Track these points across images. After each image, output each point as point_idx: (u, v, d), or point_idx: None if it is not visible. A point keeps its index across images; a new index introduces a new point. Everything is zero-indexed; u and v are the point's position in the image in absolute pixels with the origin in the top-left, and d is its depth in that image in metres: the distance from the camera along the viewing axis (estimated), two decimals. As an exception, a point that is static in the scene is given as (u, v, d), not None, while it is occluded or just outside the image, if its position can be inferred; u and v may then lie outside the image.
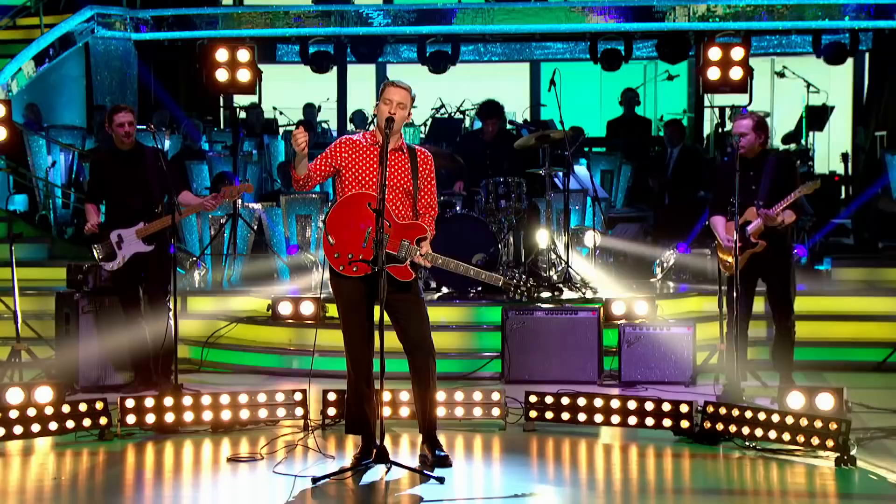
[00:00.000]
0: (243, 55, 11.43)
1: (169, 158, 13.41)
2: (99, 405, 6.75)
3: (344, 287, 5.85)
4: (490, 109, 10.78)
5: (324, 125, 16.71)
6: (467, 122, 16.07)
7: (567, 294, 9.49)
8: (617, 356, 8.49)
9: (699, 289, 10.13)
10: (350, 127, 15.91)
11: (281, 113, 17.10)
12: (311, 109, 16.85)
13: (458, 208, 10.38)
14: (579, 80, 17.22)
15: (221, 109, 15.46)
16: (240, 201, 11.41)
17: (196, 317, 9.66)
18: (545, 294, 9.54)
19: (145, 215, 8.04)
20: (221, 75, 11.42)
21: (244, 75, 11.41)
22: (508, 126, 11.68)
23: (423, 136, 15.49)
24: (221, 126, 15.97)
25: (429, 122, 16.04)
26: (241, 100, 14.91)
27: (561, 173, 10.14)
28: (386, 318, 5.62)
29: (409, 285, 5.89)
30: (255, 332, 9.53)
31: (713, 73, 11.00)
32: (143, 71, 15.84)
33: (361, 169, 5.90)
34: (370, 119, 15.83)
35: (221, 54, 11.42)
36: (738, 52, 11.05)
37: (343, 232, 5.82)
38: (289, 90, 17.32)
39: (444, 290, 9.86)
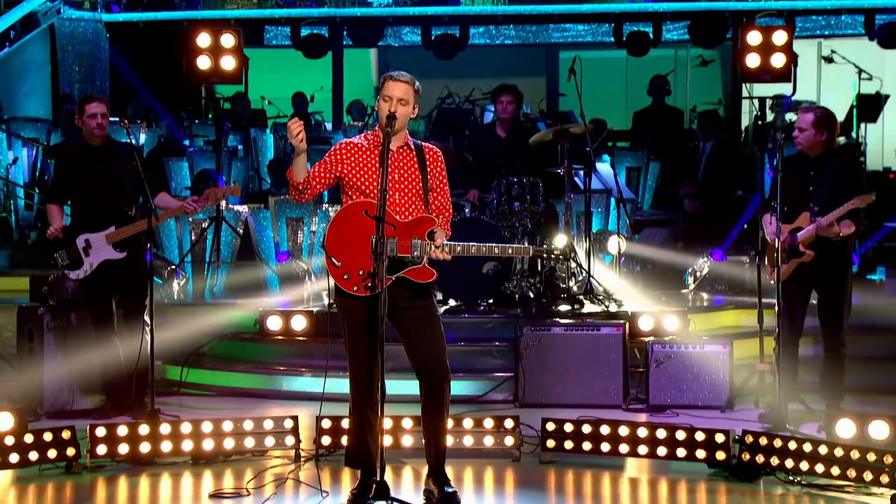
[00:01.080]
0: (227, 40, 11.45)
1: (145, 155, 13.49)
2: (66, 434, 6.75)
3: (354, 305, 5.85)
4: (505, 87, 10.80)
5: (317, 117, 16.74)
6: (477, 113, 16.10)
7: (588, 307, 9.48)
8: (644, 377, 8.48)
9: (736, 301, 10.12)
10: (346, 120, 15.93)
11: (269, 103, 17.13)
12: (302, 99, 16.87)
13: (466, 211, 10.38)
14: (602, 67, 17.23)
15: (203, 100, 15.47)
16: (224, 203, 11.43)
17: (175, 332, 9.64)
18: (564, 307, 9.54)
19: (117, 219, 8.03)
20: (203, 63, 11.43)
21: (229, 63, 11.43)
22: (522, 119, 11.67)
23: (427, 128, 15.51)
24: (203, 118, 15.99)
25: (434, 114, 16.06)
26: (225, 89, 14.95)
27: (581, 172, 10.13)
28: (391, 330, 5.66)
29: (424, 292, 5.91)
30: (241, 349, 9.55)
31: (752, 60, 10.99)
32: (115, 57, 15.89)
33: (363, 174, 5.91)
34: (369, 111, 15.87)
35: (203, 39, 11.44)
36: (780, 37, 11.03)
37: (347, 249, 5.82)
38: (278, 78, 17.38)
39: (452, 302, 9.86)
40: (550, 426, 6.96)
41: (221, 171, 12.56)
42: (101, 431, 6.81)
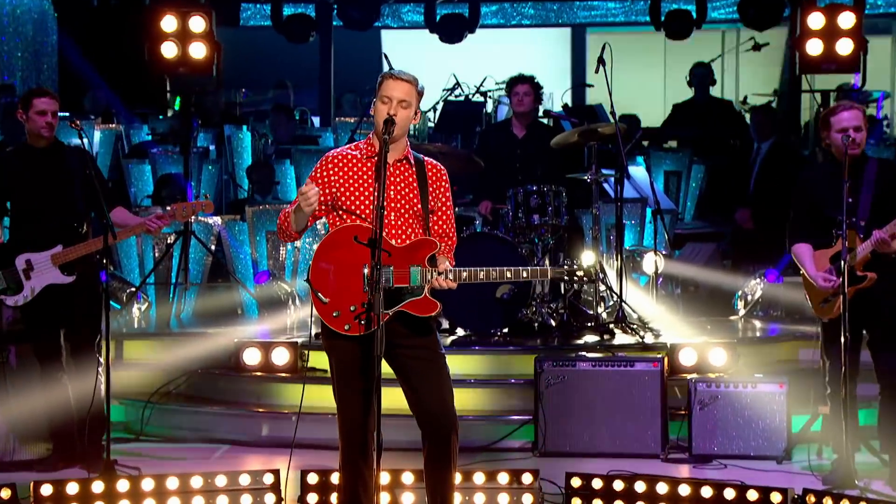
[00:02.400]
0: (197, 24, 11.47)
1: (99, 158, 13.52)
2: (5, 493, 6.74)
3: (345, 347, 5.84)
4: (521, 77, 10.81)
5: (303, 110, 16.76)
6: (489, 107, 16.09)
7: (620, 338, 9.47)
8: (686, 422, 8.46)
9: (795, 331, 10.10)
10: (336, 119, 15.91)
11: (246, 94, 17.14)
12: (284, 90, 16.89)
13: (477, 225, 10.36)
14: (637, 53, 17.22)
15: (169, 93, 15.50)
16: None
17: (135, 368, 9.66)
18: (591, 338, 9.53)
19: (64, 236, 7.97)
20: (169, 50, 11.45)
21: (199, 50, 11.45)
22: (541, 118, 11.68)
23: (430, 126, 15.52)
24: (169, 114, 15.99)
25: (439, 107, 16.06)
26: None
27: (612, 178, 10.14)
28: (388, 371, 5.64)
29: (426, 328, 5.90)
30: (212, 387, 9.55)
31: (814, 47, 10.96)
32: (64, 42, 15.90)
33: (355, 190, 5.90)
34: (362, 112, 15.85)
35: (169, 23, 11.46)
36: (847, 19, 11.00)
37: (335, 283, 5.80)
38: (257, 64, 17.39)
39: (460, 331, 9.86)
40: (576, 482, 6.94)
41: (190, 177, 12.58)
42: (46, 489, 6.80)
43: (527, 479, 7.02)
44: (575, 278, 5.98)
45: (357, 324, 5.76)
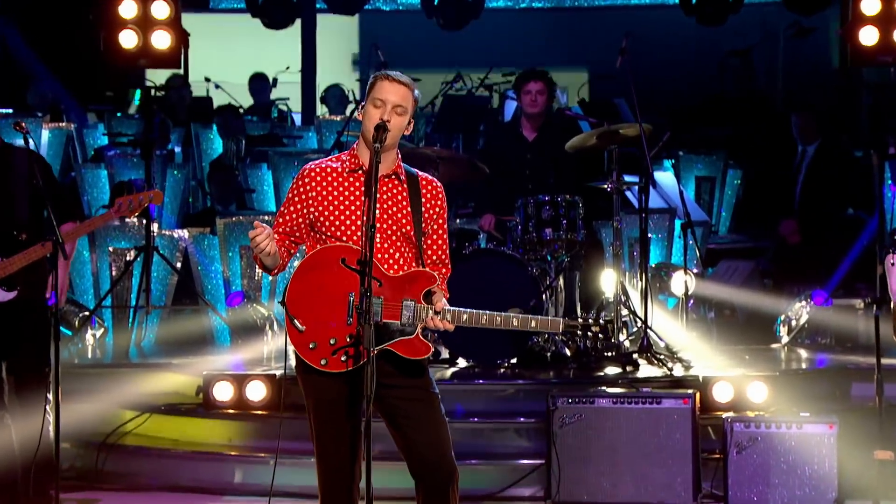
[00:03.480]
0: (160, 9, 11.47)
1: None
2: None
3: (323, 385, 5.84)
4: (533, 72, 10.83)
5: (282, 106, 16.79)
6: (495, 102, 16.14)
7: (645, 370, 9.50)
8: (721, 467, 8.46)
9: (847, 362, 10.10)
10: (321, 111, 15.96)
11: (217, 87, 17.17)
12: (262, 83, 16.92)
13: (480, 240, 10.37)
14: (664, 40, 17.25)
15: (129, 88, 15.53)
16: (155, 228, 11.47)
17: (89, 405, 9.63)
18: (612, 370, 9.55)
19: (2, 245, 7.98)
20: (128, 39, 11.44)
21: (162, 39, 11.45)
22: (556, 115, 11.70)
23: (429, 123, 15.55)
24: (129, 111, 16.02)
25: (438, 103, 16.11)
26: (157, 73, 14.99)
27: (636, 187, 10.15)
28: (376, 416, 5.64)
29: (419, 370, 5.90)
30: (178, 427, 9.55)
31: (867, 36, 10.93)
32: (6, 30, 15.91)
33: (336, 209, 5.90)
34: (352, 104, 15.87)
35: (128, 7, 11.47)
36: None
37: (315, 310, 5.79)
38: (229, 54, 17.43)
39: (462, 362, 9.87)
40: (595, 538, 6.93)
41: (153, 183, 12.55)
42: (-13, 545, 6.78)
43: (538, 534, 7.02)
44: (589, 333, 6.02)
45: (336, 360, 5.75)
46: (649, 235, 10.31)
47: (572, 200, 9.98)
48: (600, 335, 6.05)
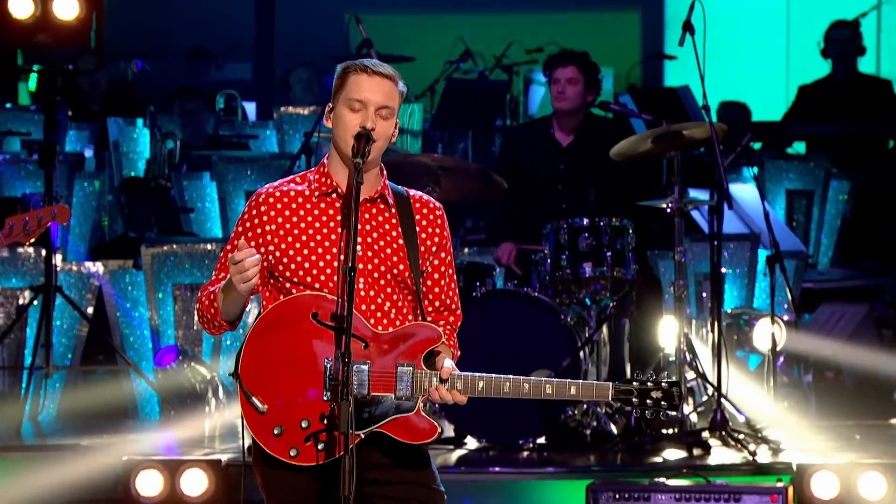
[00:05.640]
0: (61, -32, 11.50)
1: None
2: None
3: (289, 483, 5.81)
4: (565, 55, 10.87)
5: (230, 94, 16.75)
6: (517, 89, 16.13)
7: (718, 455, 9.47)
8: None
9: None
10: (282, 109, 15.91)
11: (144, 69, 17.16)
12: (201, 63, 16.90)
13: (496, 277, 10.35)
14: (743, 13, 17.24)
15: (22, 71, 15.52)
16: (58, 260, 11.42)
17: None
18: (673, 454, 9.52)
19: None
20: (21, 8, 11.44)
21: (66, 9, 11.45)
22: (596, 110, 11.68)
23: (426, 118, 15.56)
24: (22, 102, 15.98)
25: (440, 88, 16.08)
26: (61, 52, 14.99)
27: (706, 206, 10.12)
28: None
29: (419, 459, 5.89)
30: (89, 531, 9.52)
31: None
32: None
33: (305, 245, 5.88)
34: (323, 99, 15.85)
35: (17, -33, 11.49)
36: None
37: (280, 382, 5.76)
38: (157, 26, 17.43)
39: (472, 442, 9.86)
40: None
41: (55, 197, 12.51)
42: None
43: None
44: (648, 402, 5.94)
45: (309, 449, 5.72)
46: (723, 271, 10.24)
47: (620, 225, 9.99)
48: (663, 403, 5.93)
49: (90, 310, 11.68)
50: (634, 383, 5.86)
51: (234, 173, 13.80)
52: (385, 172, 6.00)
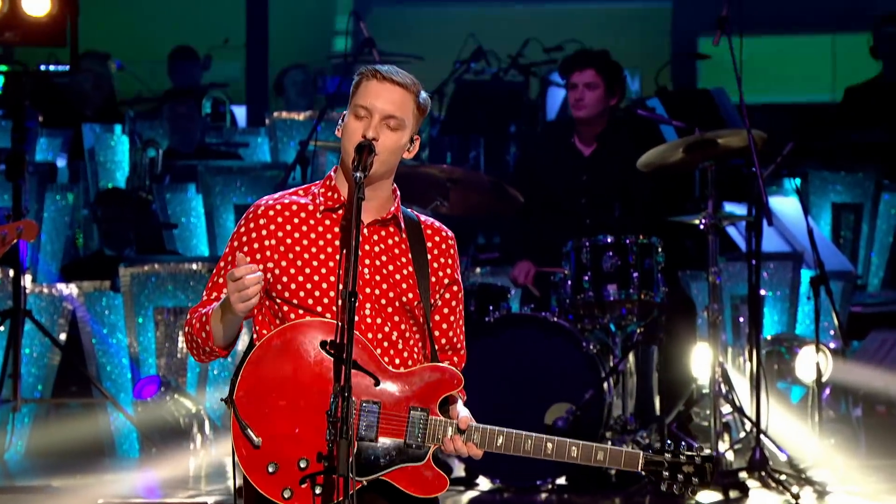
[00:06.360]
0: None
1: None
2: None
3: None
4: (584, 55, 10.87)
5: (217, 96, 16.77)
6: (533, 91, 16.14)
7: (758, 496, 9.49)
8: None
9: None
10: (276, 108, 15.94)
11: (121, 68, 17.18)
12: (187, 63, 16.93)
13: (511, 300, 10.34)
14: (784, 6, 17.24)
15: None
16: (27, 281, 11.41)
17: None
18: (709, 497, 9.51)
19: None
20: (-14, 4, 11.49)
21: (37, 5, 11.46)
22: (622, 115, 11.69)
23: (435, 123, 15.57)
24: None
25: (449, 91, 16.10)
26: (32, 53, 15.01)
27: (743, 222, 10.11)
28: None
29: None
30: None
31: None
32: None
33: (307, 263, 5.87)
34: (322, 94, 15.86)
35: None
36: None
37: (277, 416, 5.76)
38: (140, 21, 17.46)
39: (484, 483, 9.86)
40: None
41: (23, 211, 12.50)
42: None
43: None
44: (680, 476, 5.89)
45: (305, 493, 5.72)
46: (763, 293, 10.22)
47: (647, 243, 10.00)
48: (694, 480, 5.90)
49: (63, 336, 11.68)
50: (667, 455, 5.89)
51: (222, 185, 13.79)
52: (398, 194, 5.98)
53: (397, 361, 5.86)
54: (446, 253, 6.02)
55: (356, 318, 5.73)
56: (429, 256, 5.98)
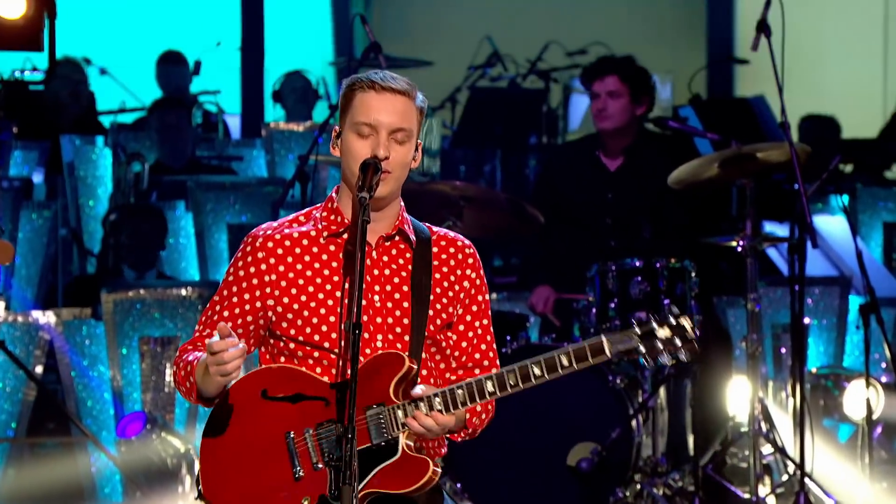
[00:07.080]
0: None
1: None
2: None
3: None
4: (604, 63, 10.94)
5: (209, 106, 16.83)
6: (554, 100, 16.18)
7: (803, 546, 9.44)
8: None
9: None
10: (273, 117, 15.99)
11: (103, 73, 17.25)
12: (176, 69, 17.00)
13: (529, 329, 10.37)
14: (830, 9, 17.28)
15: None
16: (0, 307, 11.46)
17: None
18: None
19: None
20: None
21: (11, 6, 11.51)
22: (649, 125, 11.73)
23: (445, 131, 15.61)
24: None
25: (463, 98, 16.15)
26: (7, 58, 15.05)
27: (785, 245, 10.14)
28: None
29: None
30: None
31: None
32: None
33: (308, 295, 5.91)
34: (323, 98, 15.91)
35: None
36: None
37: (246, 486, 5.88)
38: (124, 24, 17.51)
39: None
40: None
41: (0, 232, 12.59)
42: None
43: None
44: (659, 344, 6.11)
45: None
46: (807, 322, 10.24)
47: (680, 267, 10.03)
48: (677, 340, 6.11)
49: (39, 369, 11.68)
50: (635, 329, 6.23)
51: (214, 202, 13.80)
52: (403, 204, 6.03)
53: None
54: (461, 265, 6.07)
55: (368, 351, 5.81)
56: (443, 273, 6.03)
